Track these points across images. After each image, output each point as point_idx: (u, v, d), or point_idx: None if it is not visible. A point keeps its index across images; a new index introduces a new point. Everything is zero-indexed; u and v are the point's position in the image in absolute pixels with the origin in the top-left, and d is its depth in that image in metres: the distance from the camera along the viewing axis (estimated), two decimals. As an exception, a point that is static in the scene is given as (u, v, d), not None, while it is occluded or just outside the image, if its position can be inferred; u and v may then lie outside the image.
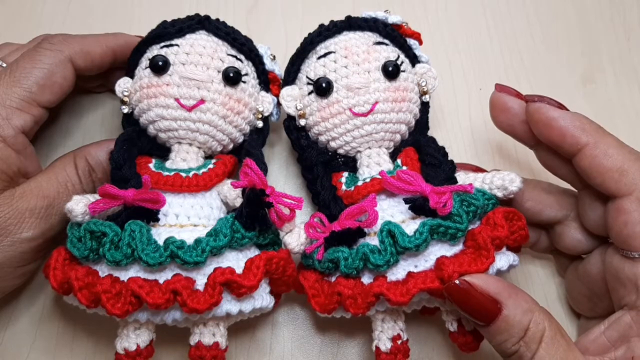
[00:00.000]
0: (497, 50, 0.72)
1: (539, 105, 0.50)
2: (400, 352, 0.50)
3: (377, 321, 0.51)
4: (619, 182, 0.47)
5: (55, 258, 0.48)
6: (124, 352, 0.48)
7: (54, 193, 0.51)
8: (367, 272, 0.49)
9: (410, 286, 0.46)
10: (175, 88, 0.53)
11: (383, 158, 0.56)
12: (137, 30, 0.58)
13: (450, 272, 0.46)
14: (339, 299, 0.49)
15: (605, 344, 0.47)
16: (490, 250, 0.47)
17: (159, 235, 0.48)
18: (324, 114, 0.55)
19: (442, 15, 0.73)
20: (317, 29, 0.58)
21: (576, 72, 0.71)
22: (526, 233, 0.51)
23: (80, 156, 0.54)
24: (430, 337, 0.58)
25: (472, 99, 0.69)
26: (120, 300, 0.45)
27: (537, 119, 0.50)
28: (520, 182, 0.52)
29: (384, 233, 0.48)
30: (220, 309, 0.47)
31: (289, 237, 0.51)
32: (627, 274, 0.47)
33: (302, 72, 0.58)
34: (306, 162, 0.57)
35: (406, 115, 0.56)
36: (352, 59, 0.55)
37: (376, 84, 0.55)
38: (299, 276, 0.52)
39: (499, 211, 0.50)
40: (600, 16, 0.74)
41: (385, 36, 0.58)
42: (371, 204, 0.49)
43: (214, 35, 0.56)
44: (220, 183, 0.54)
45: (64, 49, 0.54)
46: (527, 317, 0.44)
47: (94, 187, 0.54)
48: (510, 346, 0.45)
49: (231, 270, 0.47)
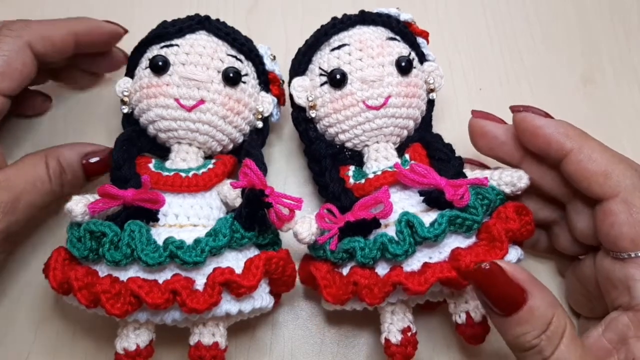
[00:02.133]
0: (497, 50, 0.72)
1: (524, 114, 0.52)
2: (410, 344, 0.50)
3: (387, 313, 0.52)
4: (604, 185, 0.48)
5: (55, 258, 0.48)
6: (123, 352, 0.48)
7: (20, 188, 0.50)
8: (381, 263, 0.50)
9: (428, 276, 0.47)
10: (175, 88, 0.53)
11: (391, 152, 0.56)
12: (137, 30, 0.58)
13: (468, 262, 0.47)
14: (354, 289, 0.49)
15: (606, 347, 0.47)
16: (505, 242, 0.48)
17: (158, 235, 0.48)
18: (337, 106, 0.55)
19: (442, 15, 0.73)
20: (330, 22, 0.58)
21: (576, 72, 0.71)
22: (532, 228, 0.51)
23: (52, 156, 0.53)
24: (433, 332, 0.59)
25: (472, 99, 0.69)
26: (119, 300, 0.45)
27: (523, 128, 0.51)
28: (528, 179, 0.53)
29: (403, 223, 0.49)
30: (219, 309, 0.47)
31: (299, 226, 0.50)
32: (618, 276, 0.47)
33: (314, 63, 0.58)
34: (314, 154, 0.56)
35: (415, 111, 0.57)
36: (367, 52, 0.55)
37: (389, 78, 0.55)
38: (310, 267, 0.51)
39: (510, 205, 0.51)
40: (600, 16, 0.73)
41: (397, 32, 0.58)
42: (385, 195, 0.50)
43: (214, 36, 0.56)
44: (220, 183, 0.54)
45: (23, 35, 0.53)
46: (551, 310, 0.43)
47: (62, 189, 0.53)
48: (530, 339, 0.43)
49: (230, 270, 0.47)
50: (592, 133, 0.51)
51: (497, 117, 0.55)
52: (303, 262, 0.55)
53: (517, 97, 0.68)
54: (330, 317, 0.59)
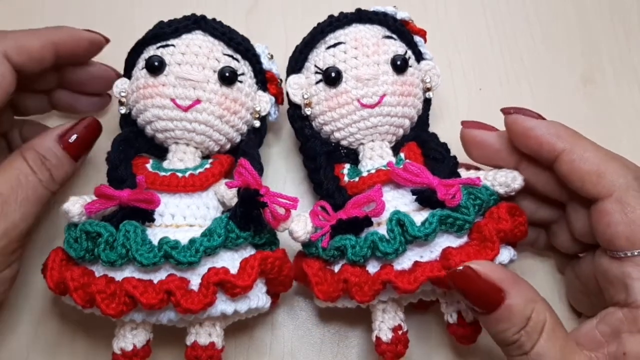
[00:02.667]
0: (497, 50, 0.71)
1: (515, 116, 0.52)
2: (400, 343, 0.50)
3: (378, 311, 0.52)
4: (598, 184, 0.47)
5: (52, 259, 0.48)
6: (120, 352, 0.48)
7: (7, 189, 0.49)
8: (372, 261, 0.50)
9: (418, 274, 0.47)
10: (171, 88, 0.53)
11: (386, 151, 0.57)
12: (137, 30, 0.58)
13: (457, 261, 0.47)
14: (345, 286, 0.49)
15: (598, 338, 0.47)
16: (496, 243, 0.48)
17: (154, 236, 0.48)
18: (332, 104, 0.55)
19: (442, 15, 0.73)
20: (327, 19, 0.58)
21: (576, 72, 0.70)
22: (526, 229, 0.51)
23: (27, 148, 0.52)
24: (425, 331, 0.59)
25: (472, 99, 0.69)
26: (114, 300, 0.45)
27: (515, 130, 0.52)
28: (522, 180, 0.53)
29: (394, 222, 0.49)
30: (214, 309, 0.47)
31: (295, 224, 0.50)
32: (615, 274, 0.47)
33: (310, 61, 0.58)
34: (309, 151, 0.57)
35: (411, 110, 0.57)
36: (362, 50, 0.55)
37: (385, 77, 0.55)
38: (302, 264, 0.51)
39: (503, 206, 0.51)
40: (600, 16, 0.73)
41: (394, 31, 0.58)
42: (378, 194, 0.50)
43: (210, 35, 0.56)
44: (217, 183, 0.54)
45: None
46: (529, 306, 0.44)
47: (51, 176, 0.52)
48: (510, 335, 0.44)
49: (225, 271, 0.47)
50: (592, 133, 0.51)
51: (488, 125, 0.55)
52: (296, 258, 0.55)
53: (517, 97, 0.69)
54: (330, 316, 0.59)
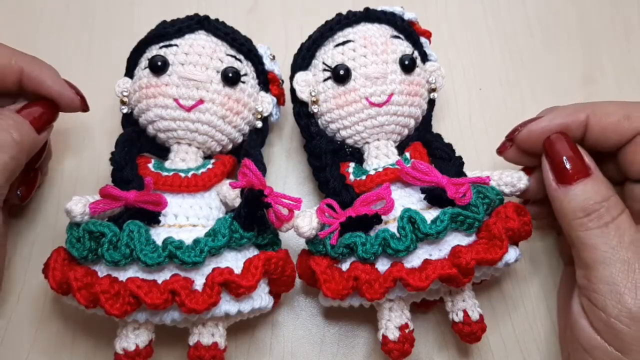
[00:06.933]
0: (497, 50, 0.72)
1: (521, 134, 0.53)
2: (407, 341, 0.51)
3: (385, 310, 0.52)
4: (629, 127, 0.49)
5: (54, 258, 0.48)
6: (123, 352, 0.48)
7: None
8: (382, 259, 0.50)
9: (429, 272, 0.47)
10: (174, 88, 0.53)
11: (391, 150, 0.57)
12: (137, 30, 0.58)
13: (468, 259, 0.47)
14: (355, 284, 0.49)
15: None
16: (505, 241, 0.49)
17: (157, 236, 0.48)
18: (340, 102, 0.55)
19: (442, 15, 0.73)
20: (335, 17, 0.58)
21: (576, 72, 0.71)
22: (530, 229, 0.52)
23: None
24: (429, 331, 0.59)
25: (472, 99, 0.69)
26: (118, 300, 0.45)
27: (533, 138, 0.52)
28: (528, 180, 0.54)
29: (405, 219, 0.49)
30: (218, 309, 0.47)
31: (300, 220, 0.50)
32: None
33: (318, 58, 0.58)
34: (314, 149, 0.57)
35: (416, 110, 0.57)
36: (371, 49, 0.56)
37: (393, 76, 0.55)
38: (310, 261, 0.51)
39: (510, 205, 0.51)
40: (600, 16, 0.73)
41: (401, 31, 0.59)
42: (387, 191, 0.50)
43: (213, 36, 0.56)
44: (220, 183, 0.54)
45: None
46: (610, 191, 0.48)
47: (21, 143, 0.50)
48: (593, 203, 0.48)
49: (229, 271, 0.47)
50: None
51: (512, 139, 0.55)
52: (301, 257, 0.55)
53: (517, 97, 0.69)
54: (330, 316, 0.59)
